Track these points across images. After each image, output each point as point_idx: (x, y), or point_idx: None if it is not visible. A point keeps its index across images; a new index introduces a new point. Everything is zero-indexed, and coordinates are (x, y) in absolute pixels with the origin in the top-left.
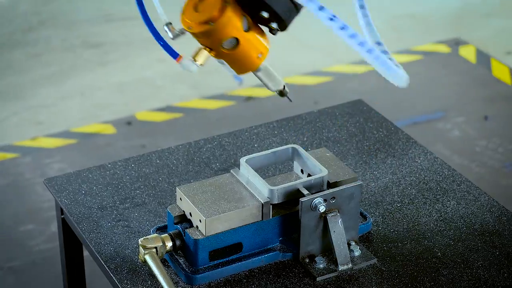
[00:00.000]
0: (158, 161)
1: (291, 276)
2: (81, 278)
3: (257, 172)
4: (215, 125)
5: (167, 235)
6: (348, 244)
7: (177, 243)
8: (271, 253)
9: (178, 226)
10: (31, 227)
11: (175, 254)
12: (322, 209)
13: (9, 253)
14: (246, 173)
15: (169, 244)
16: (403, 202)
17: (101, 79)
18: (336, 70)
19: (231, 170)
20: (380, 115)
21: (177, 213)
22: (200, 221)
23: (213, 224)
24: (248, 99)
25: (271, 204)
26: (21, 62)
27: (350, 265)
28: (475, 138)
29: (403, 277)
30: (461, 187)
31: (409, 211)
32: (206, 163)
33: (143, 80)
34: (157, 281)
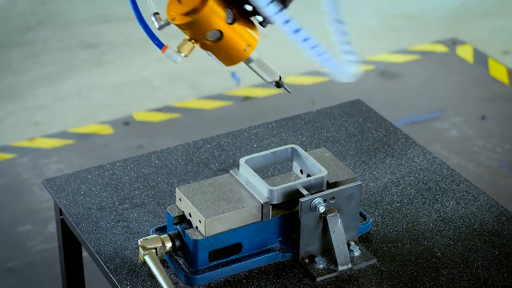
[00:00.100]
0: (157, 161)
1: (291, 277)
2: (80, 279)
3: (256, 173)
4: (213, 125)
5: (166, 235)
6: (348, 244)
7: (177, 243)
8: (270, 254)
9: (177, 226)
10: (29, 227)
11: (174, 254)
12: (321, 209)
13: (7, 253)
14: (246, 173)
15: (168, 245)
16: (403, 202)
17: (98, 79)
18: None
19: (230, 170)
20: (379, 115)
21: (176, 214)
22: (199, 221)
23: (212, 224)
24: (245, 99)
25: (270, 204)
26: (18, 62)
27: (349, 265)
28: (473, 138)
29: (403, 277)
30: (460, 187)
31: (408, 211)
32: (205, 163)
33: (141, 80)
34: (156, 282)
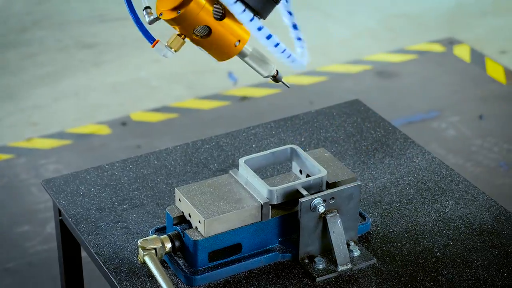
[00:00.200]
0: (156, 162)
1: (291, 277)
2: (79, 279)
3: (255, 173)
4: (211, 125)
5: (166, 236)
6: (348, 245)
7: (176, 244)
8: (270, 254)
9: (177, 227)
10: (27, 228)
11: (174, 255)
12: (321, 209)
13: (5, 254)
14: (245, 173)
15: (168, 245)
16: (402, 202)
17: (95, 80)
18: (331, 70)
19: (230, 170)
20: (378, 115)
21: (176, 214)
22: (199, 222)
23: (212, 225)
24: (243, 99)
25: (270, 204)
26: (15, 62)
27: (349, 266)
28: (470, 138)
29: (403, 277)
30: (459, 186)
31: (407, 211)
32: (204, 163)
33: (138, 80)
34: (156, 282)
